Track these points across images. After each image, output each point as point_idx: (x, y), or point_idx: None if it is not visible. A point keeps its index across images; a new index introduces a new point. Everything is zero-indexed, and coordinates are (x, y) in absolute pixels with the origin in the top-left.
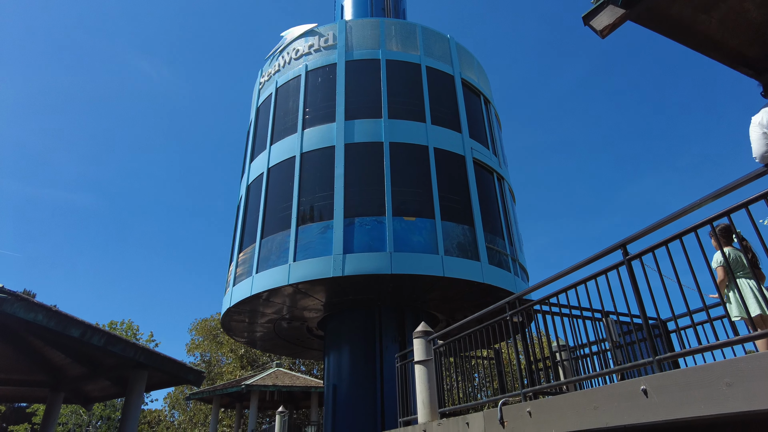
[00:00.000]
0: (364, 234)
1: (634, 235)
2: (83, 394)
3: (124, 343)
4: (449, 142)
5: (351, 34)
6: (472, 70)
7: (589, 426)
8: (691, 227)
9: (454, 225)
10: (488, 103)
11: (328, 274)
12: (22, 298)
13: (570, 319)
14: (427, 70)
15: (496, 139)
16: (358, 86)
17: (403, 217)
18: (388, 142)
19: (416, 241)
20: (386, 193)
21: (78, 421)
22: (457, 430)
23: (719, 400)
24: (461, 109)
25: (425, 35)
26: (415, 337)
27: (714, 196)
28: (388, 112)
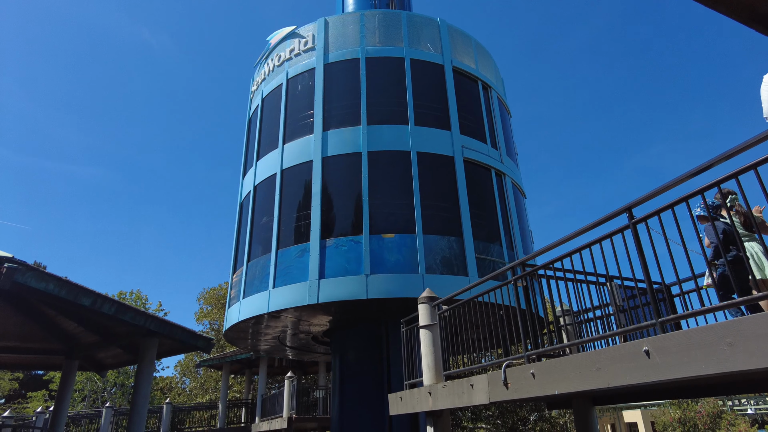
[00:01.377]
0: (340, 256)
1: (639, 199)
2: (97, 361)
3: (133, 311)
4: (435, 144)
5: (330, 33)
6: (468, 54)
7: (591, 386)
8: (697, 190)
9: (438, 238)
10: (488, 88)
11: (303, 301)
12: (32, 268)
13: (574, 283)
14: (411, 63)
15: (498, 130)
16: (336, 92)
17: (381, 234)
18: (366, 151)
19: (394, 261)
20: (364, 210)
21: (93, 387)
22: (461, 391)
23: (720, 360)
24: (451, 103)
25: (411, 23)
26: (420, 303)
27: (722, 158)
28: (367, 118)
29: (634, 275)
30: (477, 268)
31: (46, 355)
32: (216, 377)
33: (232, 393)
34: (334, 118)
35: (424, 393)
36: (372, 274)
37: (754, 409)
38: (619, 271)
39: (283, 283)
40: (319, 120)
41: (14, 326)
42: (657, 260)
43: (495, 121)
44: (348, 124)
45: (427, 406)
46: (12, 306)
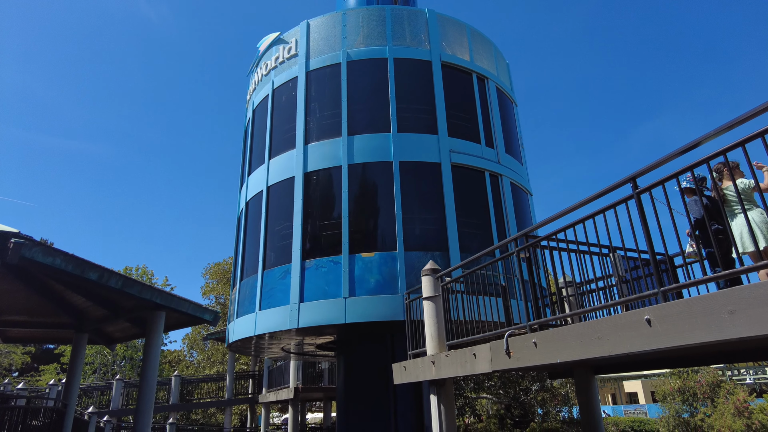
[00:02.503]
0: (320, 278)
1: (644, 169)
2: (106, 335)
3: (140, 285)
4: (419, 151)
5: (312, 37)
6: (461, 44)
7: (593, 355)
8: (703, 159)
9: (421, 254)
10: (484, 80)
11: (285, 326)
12: (39, 243)
13: (577, 255)
14: (394, 64)
15: (495, 125)
16: (318, 101)
17: (360, 254)
18: (347, 165)
19: (374, 282)
20: (343, 228)
21: (103, 360)
22: (464, 360)
23: (721, 327)
24: (439, 104)
25: (396, 18)
26: (423, 275)
27: (728, 126)
28: (348, 129)
29: (637, 246)
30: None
31: (56, 329)
32: (223, 350)
33: (239, 365)
34: (315, 131)
35: (427, 362)
36: (351, 296)
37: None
38: (623, 242)
39: (268, 306)
40: (300, 133)
41: (24, 301)
42: (660, 231)
43: (492, 116)
44: (329, 136)
45: (430, 374)
46: (21, 281)
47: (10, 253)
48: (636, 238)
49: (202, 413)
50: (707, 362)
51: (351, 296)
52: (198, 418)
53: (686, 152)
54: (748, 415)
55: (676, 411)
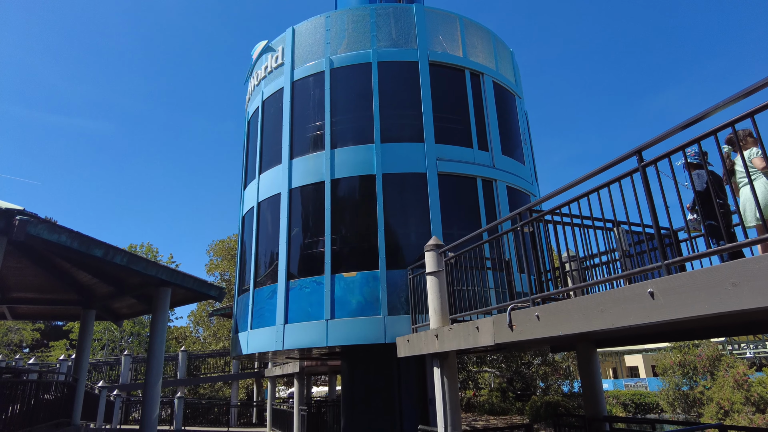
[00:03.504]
0: (304, 299)
1: (650, 141)
2: (113, 311)
3: (145, 261)
4: (403, 162)
5: (297, 44)
6: (453, 39)
7: (595, 327)
8: (710, 131)
9: (404, 272)
10: (479, 76)
11: (271, 347)
12: (44, 221)
13: (581, 229)
14: (378, 68)
15: (490, 125)
16: (304, 113)
17: (342, 274)
18: (329, 180)
19: (356, 303)
20: (326, 246)
21: (111, 337)
22: (467, 334)
23: (724, 299)
24: (425, 108)
25: (381, 18)
26: (426, 251)
27: (737, 98)
28: (331, 142)
29: (641, 220)
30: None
31: (64, 306)
32: (229, 326)
33: None
34: (299, 144)
35: (430, 336)
36: (332, 318)
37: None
38: (627, 216)
39: (258, 325)
40: (286, 147)
41: (32, 278)
42: (666, 204)
43: (487, 115)
44: (312, 150)
45: (433, 347)
46: (29, 259)
47: (16, 230)
48: (641, 212)
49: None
50: (709, 335)
51: (332, 318)
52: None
53: (693, 124)
54: (747, 388)
55: (676, 384)
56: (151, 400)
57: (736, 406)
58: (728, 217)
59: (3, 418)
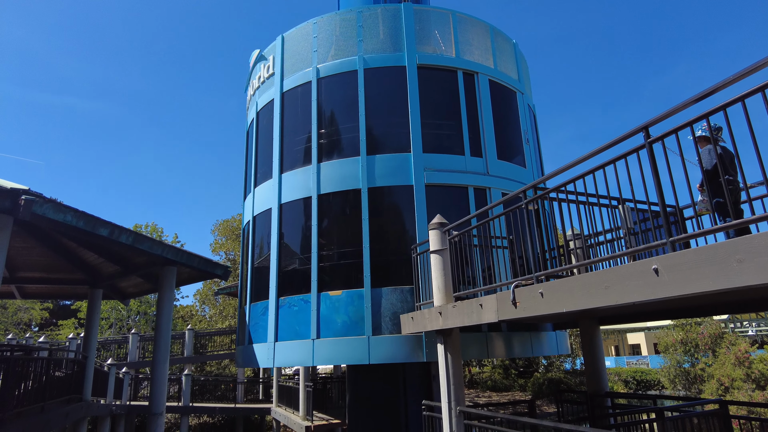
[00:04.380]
0: (292, 317)
1: (657, 117)
2: (119, 290)
3: (150, 240)
4: (390, 174)
5: (287, 52)
6: (445, 38)
7: (599, 304)
8: (719, 106)
9: (389, 290)
10: (473, 75)
11: (264, 363)
12: (49, 200)
13: (586, 206)
14: (365, 75)
15: (484, 128)
16: (293, 125)
17: (328, 292)
18: (316, 195)
19: (341, 322)
20: (312, 263)
21: (118, 316)
22: (471, 311)
23: (729, 275)
24: (413, 115)
25: (367, 22)
26: (430, 229)
27: (747, 72)
28: (318, 156)
29: (647, 197)
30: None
31: (71, 285)
32: (234, 304)
33: None
34: (289, 158)
35: (434, 313)
36: (318, 338)
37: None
38: (633, 193)
39: (255, 340)
40: (276, 161)
41: (39, 258)
42: (672, 182)
43: (481, 118)
44: (301, 164)
45: (437, 324)
46: (35, 239)
47: (22, 209)
48: (647, 190)
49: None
50: (712, 313)
51: (318, 338)
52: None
53: (702, 99)
54: (748, 365)
55: (677, 361)
56: (160, 377)
57: (736, 383)
58: (737, 194)
59: (16, 394)
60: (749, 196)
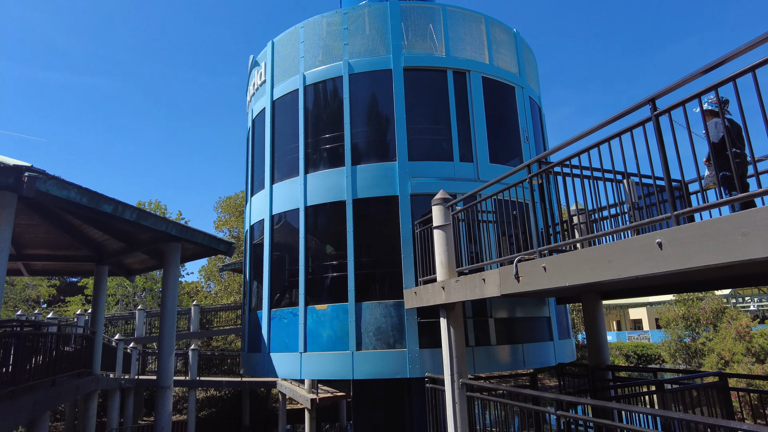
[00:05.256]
0: (282, 330)
1: (664, 89)
2: (124, 266)
3: (154, 217)
4: (374, 185)
5: (277, 58)
6: (434, 36)
7: (602, 278)
8: (728, 77)
9: (374, 305)
10: (465, 74)
11: (258, 373)
12: (53, 177)
13: (590, 180)
14: (350, 81)
15: (477, 132)
16: (283, 135)
17: (315, 306)
18: (303, 207)
19: (326, 337)
20: (300, 276)
21: (124, 292)
22: (473, 285)
23: (733, 249)
24: (398, 121)
25: (353, 23)
26: (434, 204)
27: (758, 41)
28: (305, 167)
29: (653, 171)
30: (419, 336)
31: (77, 262)
32: (239, 280)
33: None
34: (280, 168)
35: (437, 288)
36: (305, 352)
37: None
38: (638, 167)
39: (252, 349)
40: (268, 172)
41: (45, 235)
42: (678, 155)
43: (473, 119)
44: (289, 176)
45: (440, 299)
46: (40, 216)
47: (26, 186)
48: (652, 164)
49: (222, 340)
50: (714, 287)
51: (305, 351)
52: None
53: (711, 71)
54: (749, 339)
55: (678, 336)
56: (166, 351)
57: (736, 357)
58: (743, 167)
59: (28, 368)
60: (756, 170)
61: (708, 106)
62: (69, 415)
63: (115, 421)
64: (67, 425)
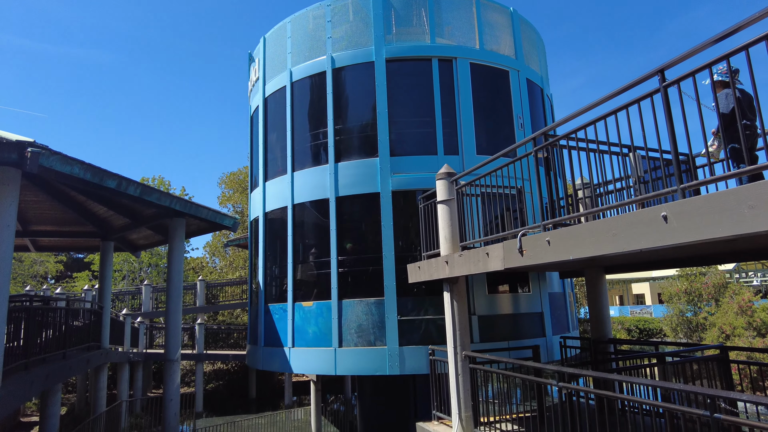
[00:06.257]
0: (274, 325)
1: (674, 60)
2: (130, 242)
3: (158, 192)
4: (358, 183)
5: (268, 55)
6: (419, 24)
7: (606, 251)
8: (741, 45)
9: (356, 302)
10: (451, 61)
11: (255, 365)
12: (56, 152)
13: (597, 154)
14: (333, 76)
15: (463, 122)
16: (274, 132)
17: (302, 303)
18: (291, 205)
19: (312, 333)
20: (288, 273)
21: (130, 268)
22: (477, 259)
23: (740, 222)
24: (380, 116)
25: (336, 16)
26: (438, 179)
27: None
28: (292, 165)
29: (660, 145)
30: (399, 334)
31: (83, 238)
32: (244, 256)
33: None
34: (273, 167)
35: (441, 262)
36: (293, 347)
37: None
38: (645, 140)
39: (251, 342)
40: (261, 170)
41: (50, 211)
42: (686, 128)
43: (459, 109)
44: (279, 174)
45: (444, 273)
46: (45, 193)
47: (29, 162)
48: (659, 137)
49: (228, 314)
50: (719, 261)
51: (293, 347)
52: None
53: (723, 39)
54: (751, 314)
55: (680, 310)
56: (173, 325)
57: (737, 331)
58: (753, 139)
59: (39, 342)
60: (766, 142)
61: (718, 77)
62: (80, 387)
63: (125, 392)
64: (78, 397)
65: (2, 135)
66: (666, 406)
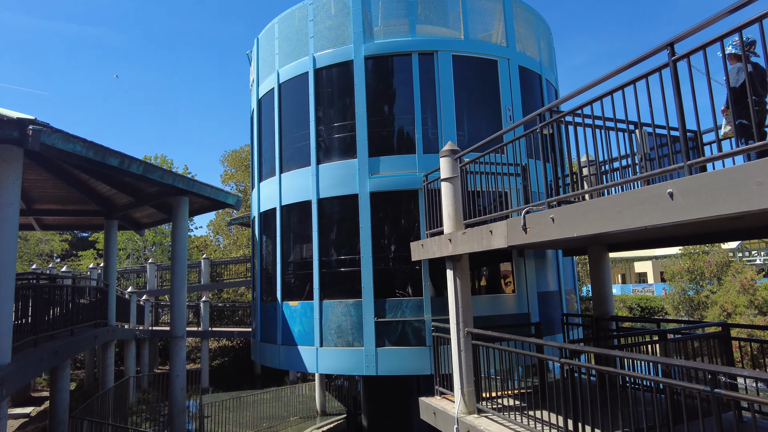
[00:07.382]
0: (267, 322)
1: (683, 33)
2: (133, 220)
3: (161, 170)
4: (338, 185)
5: (261, 55)
6: (401, 18)
7: (611, 228)
8: (754, 18)
9: (336, 303)
10: (432, 54)
11: (256, 359)
12: (57, 130)
13: (603, 131)
14: (315, 77)
15: (443, 120)
16: (266, 134)
17: (288, 302)
18: (279, 206)
19: (297, 332)
20: (276, 272)
21: (135, 246)
22: (480, 237)
23: (748, 199)
24: (359, 115)
25: (318, 14)
26: (441, 156)
27: None
28: (281, 166)
29: (667, 121)
30: (375, 335)
31: (87, 217)
32: (247, 234)
33: None
34: (266, 168)
35: (444, 240)
36: (282, 344)
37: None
38: (652, 116)
39: (252, 335)
40: (256, 171)
41: (53, 190)
42: (695, 104)
43: (439, 104)
44: (270, 175)
45: (447, 251)
46: (48, 171)
47: (31, 140)
48: (667, 113)
49: (233, 292)
50: (723, 239)
51: (282, 344)
52: (229, 297)
53: (737, 10)
54: (753, 292)
55: (682, 289)
56: (178, 303)
57: (739, 309)
58: (763, 114)
59: (47, 319)
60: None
61: (731, 50)
62: (89, 363)
63: (133, 368)
64: (87, 373)
65: (3, 113)
66: (667, 381)
